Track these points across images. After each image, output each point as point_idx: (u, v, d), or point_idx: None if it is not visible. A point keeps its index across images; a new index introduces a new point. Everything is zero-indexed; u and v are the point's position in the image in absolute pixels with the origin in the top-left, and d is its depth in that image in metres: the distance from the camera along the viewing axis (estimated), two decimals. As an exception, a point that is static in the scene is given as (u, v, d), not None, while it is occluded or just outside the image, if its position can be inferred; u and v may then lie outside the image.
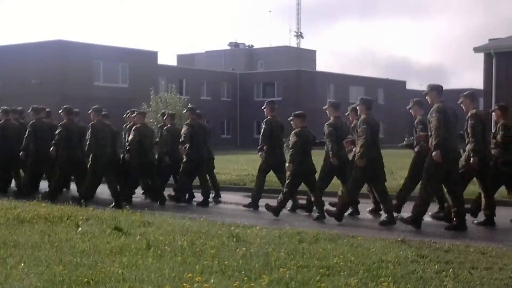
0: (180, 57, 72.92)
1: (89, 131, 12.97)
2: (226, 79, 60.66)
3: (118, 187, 13.32)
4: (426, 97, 10.40)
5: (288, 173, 11.55)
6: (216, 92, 58.58)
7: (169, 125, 14.22)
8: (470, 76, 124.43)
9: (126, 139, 13.85)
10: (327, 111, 12.22)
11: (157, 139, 14.56)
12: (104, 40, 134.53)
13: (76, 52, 44.46)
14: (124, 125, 14.66)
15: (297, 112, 12.16)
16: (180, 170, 13.48)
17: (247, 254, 7.14)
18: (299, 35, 74.96)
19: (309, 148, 11.72)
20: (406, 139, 17.45)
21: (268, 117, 12.74)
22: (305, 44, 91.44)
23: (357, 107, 11.48)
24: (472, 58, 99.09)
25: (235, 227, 9.08)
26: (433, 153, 9.66)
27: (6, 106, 15.78)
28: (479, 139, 10.33)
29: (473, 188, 11.82)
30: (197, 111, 13.99)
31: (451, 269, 6.51)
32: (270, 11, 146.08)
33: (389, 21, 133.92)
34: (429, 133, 9.98)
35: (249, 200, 12.86)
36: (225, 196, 14.70)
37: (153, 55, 50.44)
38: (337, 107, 12.17)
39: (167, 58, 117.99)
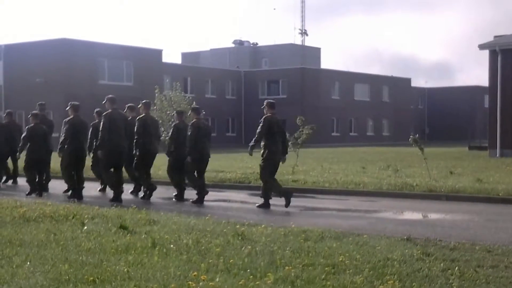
0: (185, 55, 73.01)
1: None
2: (230, 77, 60.67)
3: None
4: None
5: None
6: (221, 90, 58.60)
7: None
8: (476, 73, 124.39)
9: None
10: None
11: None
12: (108, 38, 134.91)
13: (81, 51, 44.52)
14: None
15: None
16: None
17: (252, 253, 7.14)
18: (304, 33, 75.04)
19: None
20: (411, 136, 17.44)
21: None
22: (309, 42, 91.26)
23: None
24: (478, 54, 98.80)
25: (240, 226, 9.07)
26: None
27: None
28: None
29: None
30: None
31: (457, 267, 6.49)
32: (274, 9, 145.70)
33: (394, 18, 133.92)
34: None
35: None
36: (230, 194, 14.72)
37: (158, 53, 50.48)
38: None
39: (171, 56, 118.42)
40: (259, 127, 12.45)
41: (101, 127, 13.22)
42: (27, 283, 5.80)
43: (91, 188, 14.09)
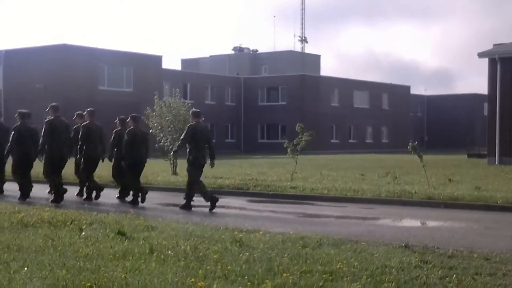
0: (185, 62, 73.06)
1: None
2: (230, 83, 60.71)
3: None
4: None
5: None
6: (220, 96, 58.63)
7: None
8: (475, 81, 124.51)
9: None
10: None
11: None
12: (108, 44, 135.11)
13: (81, 56, 44.55)
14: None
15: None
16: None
17: (250, 259, 7.13)
18: (304, 40, 75.11)
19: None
20: (410, 144, 17.46)
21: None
22: (309, 49, 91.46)
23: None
24: (477, 63, 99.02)
25: (238, 232, 9.07)
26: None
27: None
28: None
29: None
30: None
31: (454, 275, 6.49)
32: (274, 16, 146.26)
33: (394, 26, 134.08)
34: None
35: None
36: (228, 200, 14.72)
37: (158, 59, 50.50)
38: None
39: (171, 63, 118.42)
40: (183, 135, 13.41)
41: (42, 133, 14.14)
42: (24, 289, 5.80)
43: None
